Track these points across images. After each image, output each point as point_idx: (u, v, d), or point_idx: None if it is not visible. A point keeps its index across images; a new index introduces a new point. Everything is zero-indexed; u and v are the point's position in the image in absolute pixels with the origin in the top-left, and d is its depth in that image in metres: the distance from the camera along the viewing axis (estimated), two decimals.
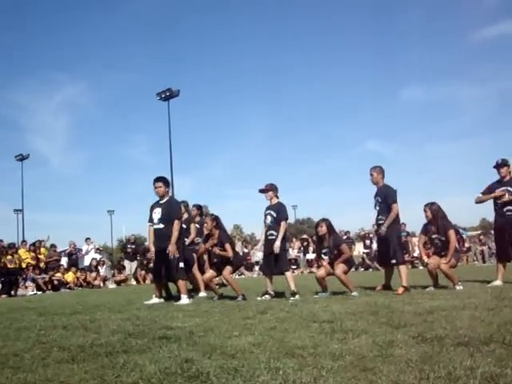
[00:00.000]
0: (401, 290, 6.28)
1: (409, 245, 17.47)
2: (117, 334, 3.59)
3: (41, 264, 14.55)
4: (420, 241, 7.34)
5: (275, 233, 6.63)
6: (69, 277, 14.32)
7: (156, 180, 6.98)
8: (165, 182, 7.04)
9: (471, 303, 4.48)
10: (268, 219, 6.75)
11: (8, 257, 12.90)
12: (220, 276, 7.22)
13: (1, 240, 14.65)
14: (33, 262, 14.07)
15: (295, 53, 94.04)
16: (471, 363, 2.20)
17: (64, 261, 16.13)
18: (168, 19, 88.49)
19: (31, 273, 13.37)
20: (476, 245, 21.31)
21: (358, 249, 21.99)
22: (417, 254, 16.10)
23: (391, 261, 6.76)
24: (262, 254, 7.29)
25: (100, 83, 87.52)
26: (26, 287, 12.78)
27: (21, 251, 14.34)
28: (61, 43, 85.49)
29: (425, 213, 6.89)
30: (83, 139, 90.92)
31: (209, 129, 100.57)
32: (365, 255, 19.06)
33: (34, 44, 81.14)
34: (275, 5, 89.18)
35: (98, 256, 17.38)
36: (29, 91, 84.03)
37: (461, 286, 6.40)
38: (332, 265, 6.55)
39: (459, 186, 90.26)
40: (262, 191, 6.89)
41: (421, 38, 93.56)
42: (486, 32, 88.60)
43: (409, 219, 21.80)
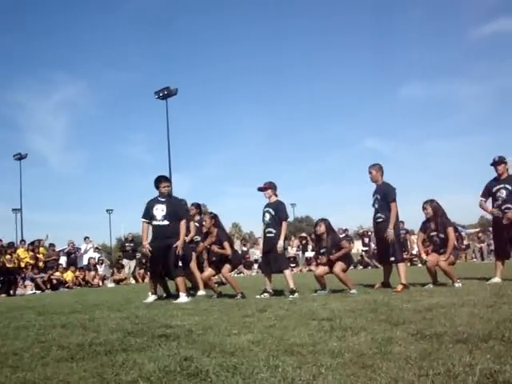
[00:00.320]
0: (400, 288, 6.29)
1: (407, 242, 17.50)
2: (116, 333, 3.59)
3: (40, 263, 14.56)
4: (419, 238, 7.34)
5: (274, 231, 6.63)
6: (68, 276, 14.33)
7: (165, 180, 7.10)
8: (171, 182, 7.32)
9: (470, 300, 4.49)
10: (266, 217, 6.75)
11: (7, 256, 12.90)
12: (219, 274, 7.22)
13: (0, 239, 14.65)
14: (32, 262, 14.09)
15: (294, 51, 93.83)
16: (470, 360, 2.20)
17: (63, 260, 16.13)
18: (166, 18, 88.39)
19: (30, 272, 13.37)
20: (475, 242, 21.37)
21: (357, 246, 22.02)
22: (415, 252, 16.12)
23: (390, 258, 6.77)
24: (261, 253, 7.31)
25: (99, 82, 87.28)
26: (25, 286, 12.79)
27: (19, 250, 14.35)
28: (60, 42, 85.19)
29: (425, 210, 6.89)
30: (82, 138, 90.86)
31: (207, 127, 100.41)
32: (363, 253, 19.10)
33: (33, 43, 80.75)
34: (274, 3, 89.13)
35: (97, 255, 17.38)
36: (28, 90, 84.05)
37: (460, 284, 6.41)
38: (330, 263, 6.55)
39: (458, 184, 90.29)
40: (261, 189, 6.88)
41: (420, 36, 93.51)
42: (486, 30, 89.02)
43: (407, 217, 21.83)
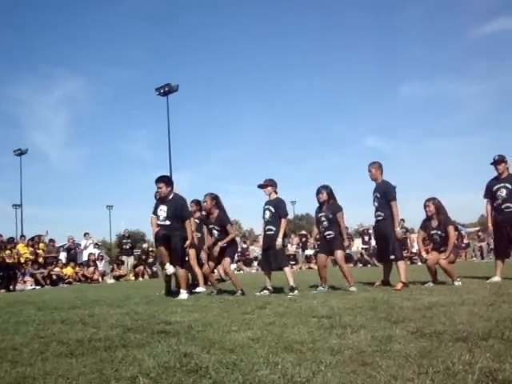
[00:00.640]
0: (399, 286, 6.29)
1: (407, 241, 17.49)
2: (115, 329, 3.59)
3: (39, 259, 14.57)
4: (419, 236, 7.34)
5: (274, 228, 6.63)
6: (67, 271, 14.33)
7: (157, 180, 6.77)
8: (166, 182, 6.79)
9: (470, 299, 4.48)
10: (267, 214, 6.74)
11: (7, 251, 12.90)
12: (219, 266, 7.23)
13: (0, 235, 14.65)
14: (31, 257, 14.10)
15: (294, 49, 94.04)
16: (470, 358, 2.20)
17: (63, 256, 16.14)
18: (167, 14, 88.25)
19: (30, 267, 13.38)
20: (475, 241, 21.37)
21: (357, 244, 22.03)
22: (416, 250, 16.12)
23: (390, 257, 6.76)
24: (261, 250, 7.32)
25: (99, 78, 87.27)
26: (25, 282, 12.80)
27: (19, 246, 14.35)
28: (60, 39, 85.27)
29: (426, 208, 6.88)
30: (82, 134, 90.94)
31: (208, 124, 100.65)
32: (363, 251, 19.10)
33: (34, 39, 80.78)
34: (274, 1, 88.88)
35: (97, 251, 17.40)
36: (28, 86, 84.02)
37: (459, 282, 6.41)
38: (327, 252, 6.76)
39: (458, 183, 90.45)
40: (261, 186, 6.87)
41: (421, 35, 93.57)
42: (486, 29, 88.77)
43: (408, 215, 21.85)
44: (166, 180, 6.91)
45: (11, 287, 12.07)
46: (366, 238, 19.23)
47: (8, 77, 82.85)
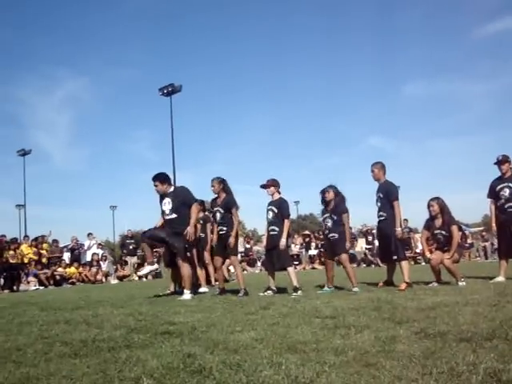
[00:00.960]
0: (403, 286, 6.28)
1: (411, 241, 17.46)
2: (119, 329, 3.60)
3: (43, 259, 14.61)
4: (423, 236, 7.34)
5: (277, 228, 6.62)
6: (71, 272, 14.37)
7: (152, 179, 6.83)
8: (161, 180, 6.82)
9: (474, 299, 4.47)
10: (270, 215, 6.74)
11: (10, 252, 12.96)
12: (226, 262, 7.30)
13: (3, 235, 14.71)
14: (35, 257, 14.14)
15: (297, 50, 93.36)
16: (474, 359, 2.19)
17: (66, 256, 16.20)
18: (170, 14, 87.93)
19: (33, 268, 13.42)
20: (478, 241, 21.31)
21: (361, 245, 21.98)
22: (419, 250, 16.09)
23: (393, 257, 6.76)
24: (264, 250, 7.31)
25: (102, 79, 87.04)
26: (28, 282, 12.85)
27: (23, 246, 14.39)
28: (62, 39, 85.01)
29: (431, 207, 6.87)
30: (85, 135, 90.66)
31: (211, 124, 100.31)
32: (367, 251, 19.08)
33: (36, 39, 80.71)
34: (277, 2, 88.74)
35: (100, 251, 17.44)
36: (31, 87, 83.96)
37: (463, 282, 6.40)
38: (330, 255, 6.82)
39: (461, 183, 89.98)
40: (264, 187, 6.87)
41: (423, 35, 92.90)
42: (489, 28, 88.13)
43: (411, 215, 21.80)
44: (161, 177, 6.89)
45: (15, 288, 12.13)
46: (370, 238, 19.20)
47: (10, 77, 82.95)
